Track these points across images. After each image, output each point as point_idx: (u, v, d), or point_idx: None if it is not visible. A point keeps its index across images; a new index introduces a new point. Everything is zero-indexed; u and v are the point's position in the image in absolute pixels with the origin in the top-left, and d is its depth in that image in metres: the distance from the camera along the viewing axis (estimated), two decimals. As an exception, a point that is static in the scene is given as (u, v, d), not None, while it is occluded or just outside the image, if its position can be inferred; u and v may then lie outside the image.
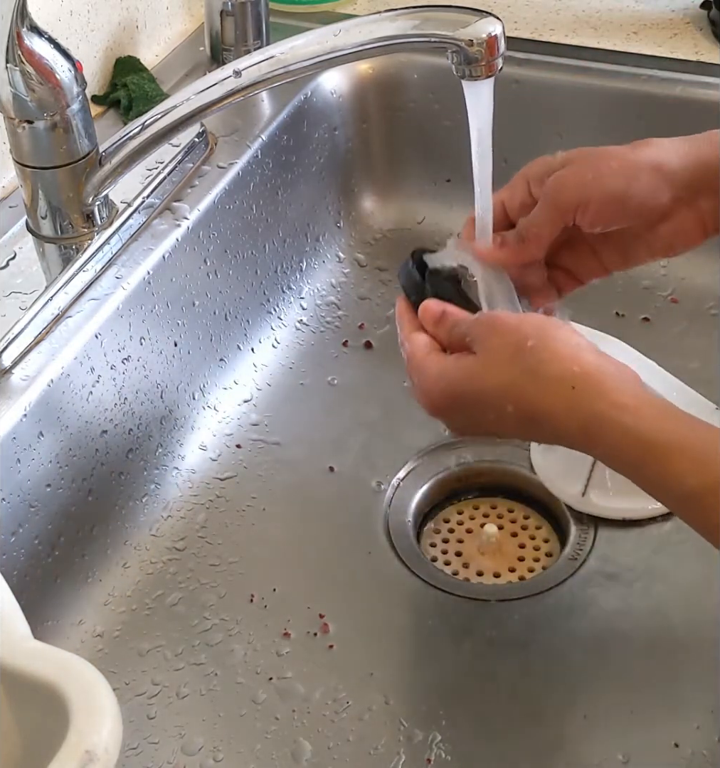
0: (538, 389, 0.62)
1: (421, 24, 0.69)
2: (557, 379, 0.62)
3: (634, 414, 0.60)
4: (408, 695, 0.74)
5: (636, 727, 0.71)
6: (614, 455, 0.62)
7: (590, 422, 0.61)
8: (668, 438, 0.60)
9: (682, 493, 0.59)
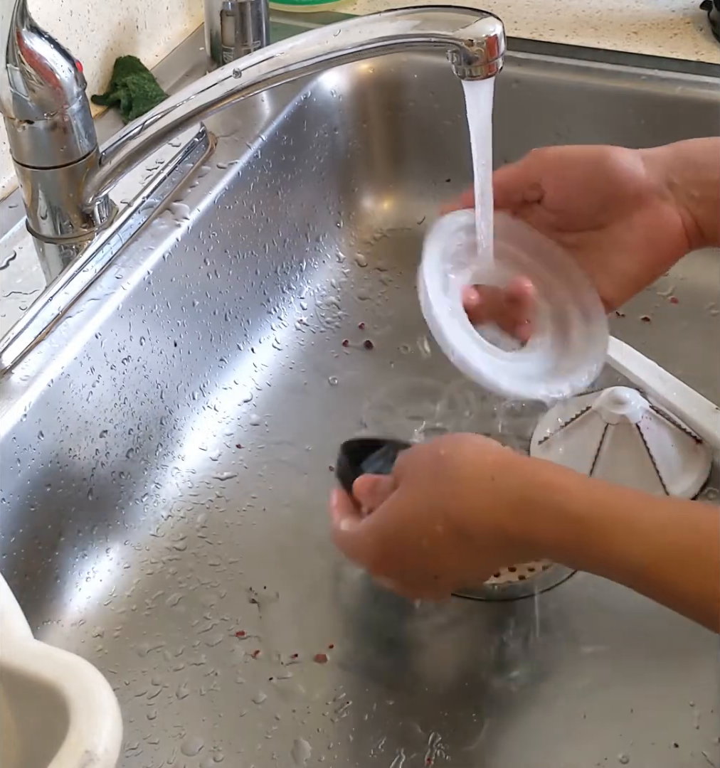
0: (459, 496, 0.61)
1: (421, 24, 0.69)
2: (475, 477, 0.61)
3: (565, 491, 0.59)
4: (408, 695, 0.74)
5: (636, 727, 0.71)
6: (555, 540, 0.59)
7: (520, 507, 0.59)
8: (603, 512, 0.58)
9: (630, 570, 0.58)
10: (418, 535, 0.62)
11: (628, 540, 0.57)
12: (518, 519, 0.59)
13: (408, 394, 0.93)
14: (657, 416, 0.83)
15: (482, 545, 0.61)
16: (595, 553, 0.59)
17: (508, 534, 0.60)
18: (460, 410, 0.91)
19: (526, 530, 0.60)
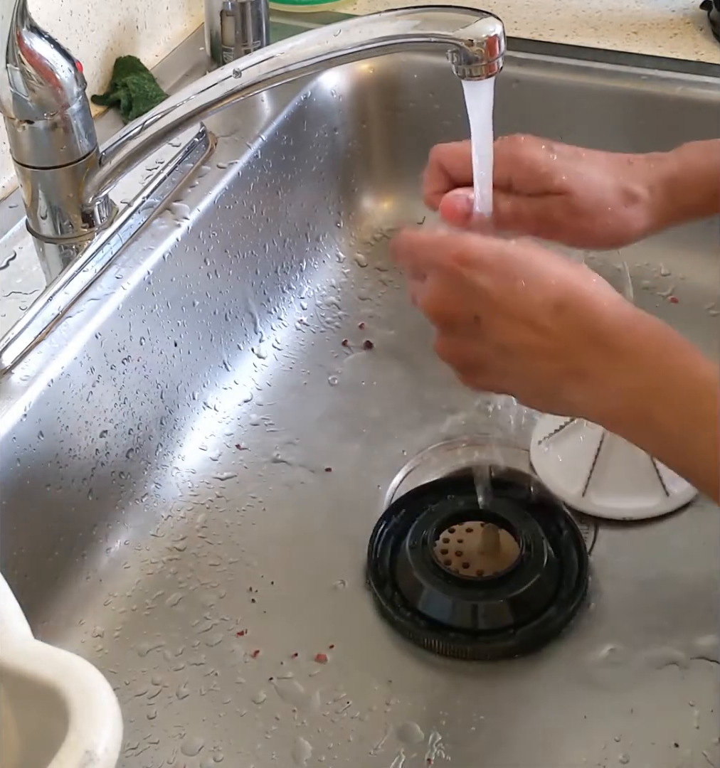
0: (591, 286, 0.61)
1: (421, 24, 0.69)
2: (606, 289, 0.62)
3: (666, 329, 0.62)
4: (408, 695, 0.74)
5: (636, 727, 0.71)
6: (647, 344, 0.61)
7: (625, 316, 0.61)
8: (690, 345, 0.60)
9: (709, 382, 0.58)
10: (526, 280, 0.61)
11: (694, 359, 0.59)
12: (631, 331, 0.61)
13: (408, 393, 0.93)
14: (657, 416, 0.82)
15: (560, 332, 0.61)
16: (676, 365, 0.59)
17: (600, 333, 0.61)
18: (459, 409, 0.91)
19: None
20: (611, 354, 0.60)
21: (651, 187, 0.73)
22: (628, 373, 0.60)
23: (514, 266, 0.62)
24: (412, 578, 0.78)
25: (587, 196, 0.71)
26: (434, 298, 0.64)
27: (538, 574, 0.77)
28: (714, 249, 0.96)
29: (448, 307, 0.64)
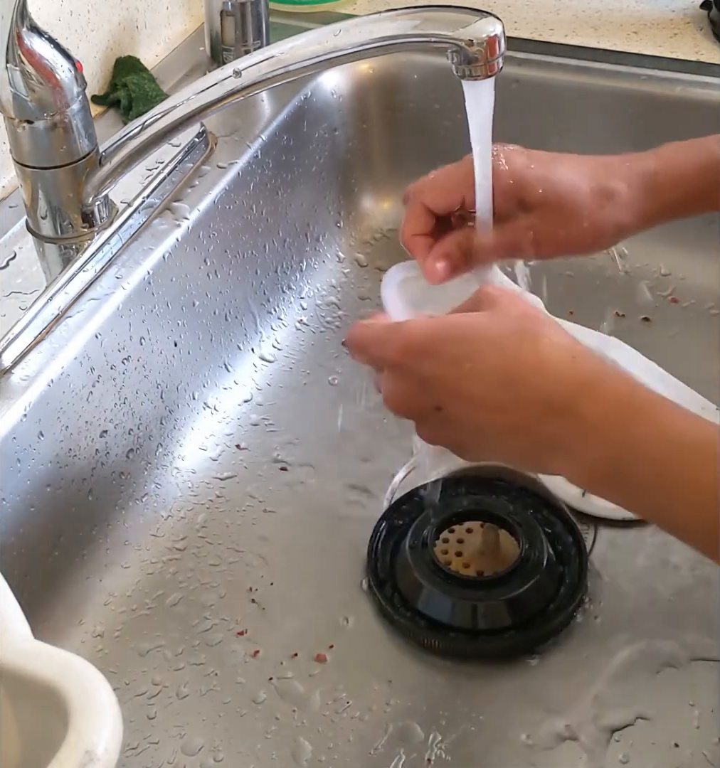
0: (538, 348, 0.59)
1: (421, 24, 0.69)
2: (559, 345, 0.60)
3: (630, 383, 0.59)
4: (408, 695, 0.74)
5: (636, 727, 0.71)
6: (606, 414, 0.58)
7: (584, 385, 0.58)
8: (660, 400, 0.58)
9: (681, 444, 0.57)
10: (470, 355, 0.60)
11: (682, 422, 0.57)
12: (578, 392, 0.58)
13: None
14: (657, 416, 0.82)
15: (520, 400, 0.59)
16: (641, 432, 0.57)
17: (557, 399, 0.59)
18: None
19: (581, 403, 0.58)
20: (575, 426, 0.58)
21: (629, 182, 0.73)
22: (596, 446, 0.58)
23: (459, 348, 0.61)
24: (412, 578, 0.78)
25: (562, 205, 0.72)
26: (392, 396, 0.64)
27: (538, 574, 0.77)
28: (714, 249, 0.96)
29: (407, 402, 0.64)
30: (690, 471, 0.56)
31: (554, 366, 0.59)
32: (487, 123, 0.69)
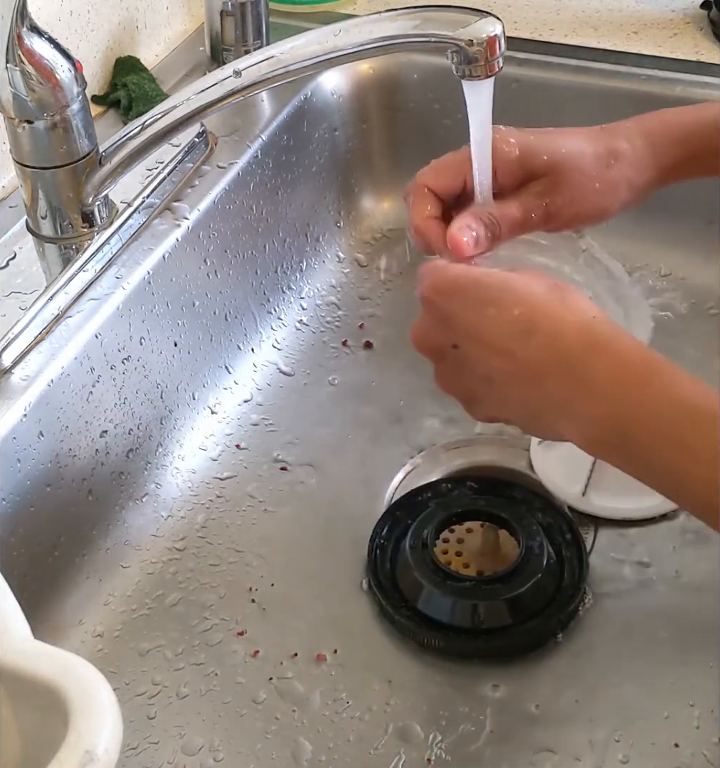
0: (560, 307, 0.60)
1: (421, 24, 0.69)
2: (580, 308, 0.60)
3: (641, 347, 0.59)
4: (408, 695, 0.74)
5: (636, 727, 0.71)
6: (618, 370, 0.58)
7: (596, 344, 0.59)
8: (671, 366, 0.58)
9: (690, 405, 0.57)
10: (492, 302, 0.61)
11: (692, 388, 0.57)
12: (586, 345, 0.59)
13: (408, 394, 0.93)
14: (657, 416, 0.82)
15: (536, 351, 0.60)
16: (654, 392, 0.57)
17: (567, 352, 0.59)
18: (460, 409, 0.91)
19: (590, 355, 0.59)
20: (583, 383, 0.59)
21: (633, 142, 0.73)
22: (602, 404, 0.59)
23: (487, 293, 0.61)
24: (412, 578, 0.78)
25: (569, 168, 0.71)
26: (417, 331, 0.65)
27: (538, 574, 0.77)
28: (714, 249, 0.96)
29: (428, 337, 0.65)
30: (695, 434, 0.56)
31: (571, 323, 0.59)
32: (487, 123, 0.69)
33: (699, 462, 0.56)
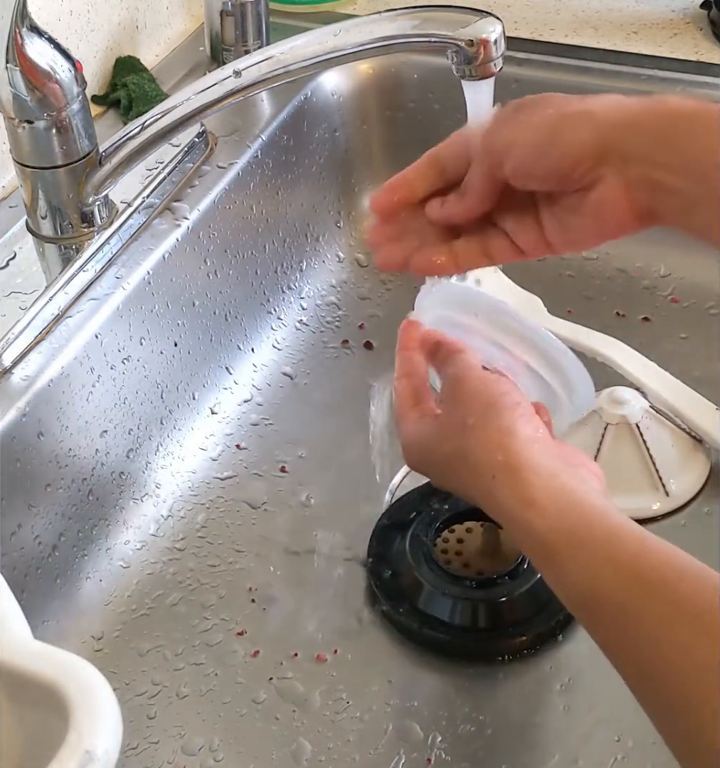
0: (468, 471, 0.63)
1: (421, 24, 0.69)
2: (482, 465, 0.61)
3: (540, 511, 0.58)
4: (408, 695, 0.74)
5: (636, 727, 0.71)
6: (526, 552, 0.61)
7: (502, 517, 0.61)
8: (561, 539, 0.57)
9: (575, 596, 0.56)
10: (442, 470, 0.66)
11: (575, 569, 0.56)
12: (505, 525, 0.62)
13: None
14: (657, 416, 0.83)
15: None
16: (550, 576, 0.58)
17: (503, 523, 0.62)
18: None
19: (511, 535, 0.62)
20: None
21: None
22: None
23: (430, 460, 0.67)
24: (412, 578, 0.78)
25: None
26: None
27: (538, 574, 0.77)
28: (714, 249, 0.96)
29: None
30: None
31: (480, 495, 0.63)
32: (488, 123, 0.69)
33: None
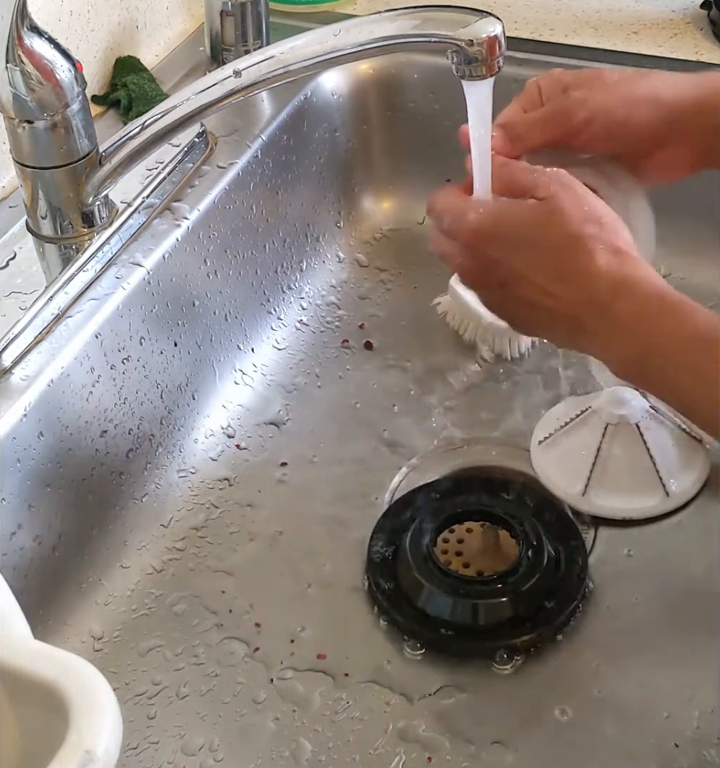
0: (588, 258, 0.65)
1: (421, 24, 0.69)
2: (606, 250, 0.66)
3: (662, 285, 0.66)
4: (408, 695, 0.74)
5: (636, 727, 0.71)
6: (641, 308, 0.65)
7: (622, 284, 0.65)
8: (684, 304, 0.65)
9: (700, 337, 0.64)
10: (529, 243, 0.67)
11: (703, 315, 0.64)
12: (614, 283, 0.65)
13: (408, 394, 0.93)
14: (657, 416, 0.83)
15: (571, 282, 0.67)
16: (667, 328, 0.64)
17: (596, 298, 0.66)
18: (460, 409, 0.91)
19: (615, 292, 0.65)
20: (612, 324, 0.66)
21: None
22: (626, 340, 0.66)
23: (526, 234, 0.67)
24: (412, 578, 0.78)
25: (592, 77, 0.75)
26: (464, 270, 0.71)
27: (538, 573, 0.77)
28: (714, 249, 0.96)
29: (476, 277, 0.71)
30: (703, 359, 0.64)
31: (598, 268, 0.65)
32: (488, 123, 0.69)
33: (705, 383, 0.64)
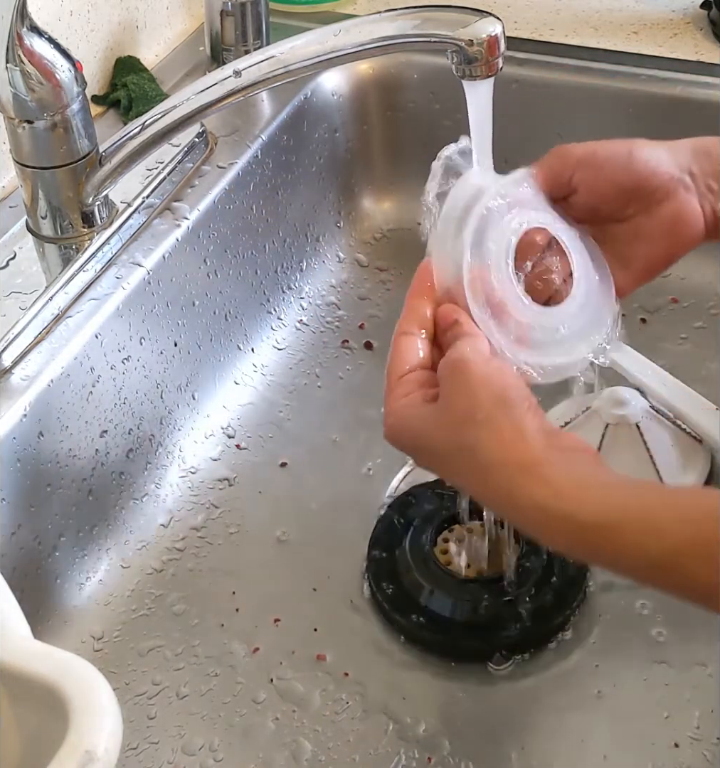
0: (478, 469, 0.59)
1: (421, 24, 0.69)
2: (497, 465, 0.58)
3: (578, 501, 0.56)
4: (408, 695, 0.74)
5: (636, 727, 0.71)
6: (568, 546, 0.58)
7: (532, 513, 0.57)
8: (616, 516, 0.56)
9: (645, 566, 0.56)
10: (434, 458, 0.63)
11: (642, 539, 0.55)
12: (528, 523, 0.58)
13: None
14: (657, 416, 0.83)
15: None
16: (607, 556, 0.57)
17: (518, 525, 0.60)
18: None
19: (536, 532, 0.59)
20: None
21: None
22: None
23: (422, 446, 0.64)
24: (412, 578, 0.78)
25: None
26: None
27: (538, 573, 0.77)
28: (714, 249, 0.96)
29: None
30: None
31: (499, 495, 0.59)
32: (488, 123, 0.69)
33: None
